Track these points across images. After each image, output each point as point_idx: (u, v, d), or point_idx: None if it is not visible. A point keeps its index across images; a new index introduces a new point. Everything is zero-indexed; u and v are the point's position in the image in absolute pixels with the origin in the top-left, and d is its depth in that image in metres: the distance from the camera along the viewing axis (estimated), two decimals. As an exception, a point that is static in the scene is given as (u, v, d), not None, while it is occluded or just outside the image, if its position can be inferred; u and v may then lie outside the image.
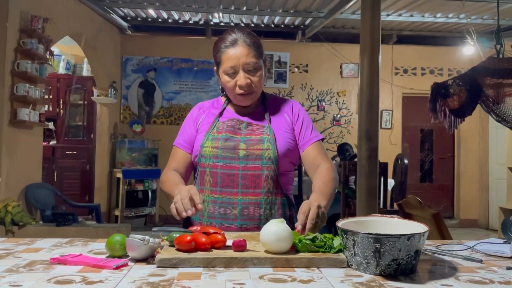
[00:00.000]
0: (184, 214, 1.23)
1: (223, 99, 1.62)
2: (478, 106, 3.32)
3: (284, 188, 1.50)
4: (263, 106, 1.57)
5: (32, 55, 3.86)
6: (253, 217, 1.43)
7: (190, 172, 1.59)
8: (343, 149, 5.30)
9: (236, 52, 1.44)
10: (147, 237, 1.08)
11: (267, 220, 1.41)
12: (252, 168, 1.44)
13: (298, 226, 1.21)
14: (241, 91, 1.47)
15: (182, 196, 1.25)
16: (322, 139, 1.57)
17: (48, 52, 4.10)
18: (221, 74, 1.49)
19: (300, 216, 1.23)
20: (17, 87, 3.70)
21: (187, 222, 1.55)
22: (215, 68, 1.54)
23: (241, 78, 1.44)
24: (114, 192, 6.22)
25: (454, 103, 3.28)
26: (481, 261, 1.16)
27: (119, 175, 5.94)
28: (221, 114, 1.56)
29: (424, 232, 1.03)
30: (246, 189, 1.43)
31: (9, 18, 3.64)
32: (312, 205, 1.25)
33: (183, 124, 1.62)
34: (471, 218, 6.90)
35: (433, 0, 5.05)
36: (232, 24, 6.48)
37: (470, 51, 5.86)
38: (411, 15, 5.81)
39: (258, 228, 1.37)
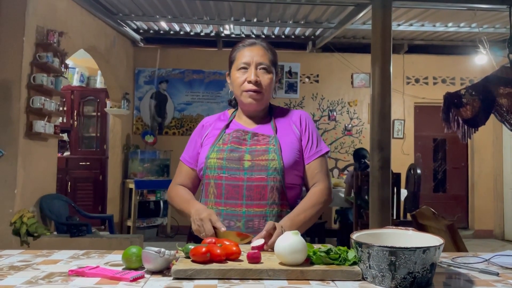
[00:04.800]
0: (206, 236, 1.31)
1: (229, 111, 1.63)
2: (492, 116, 3.30)
3: (291, 201, 1.48)
4: (270, 117, 1.56)
5: (47, 68, 3.93)
6: (258, 230, 1.37)
7: (197, 187, 1.60)
8: (359, 154, 5.19)
9: (252, 50, 1.49)
10: (162, 249, 1.09)
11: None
12: (257, 179, 1.42)
13: (268, 247, 1.25)
14: (249, 87, 1.47)
15: (202, 218, 1.33)
16: (327, 152, 1.55)
17: (63, 65, 4.18)
18: (233, 71, 1.51)
19: (263, 233, 1.28)
20: (33, 100, 3.77)
21: (192, 237, 1.53)
22: (227, 73, 1.56)
23: (252, 74, 1.47)
24: (126, 202, 6.26)
25: (467, 112, 3.26)
26: (497, 274, 1.15)
27: (132, 185, 5.99)
28: (227, 126, 1.56)
29: (440, 245, 1.02)
30: (251, 200, 1.41)
31: (25, 33, 3.73)
32: (278, 225, 1.32)
33: (190, 139, 1.64)
34: (486, 229, 6.79)
35: (444, 9, 5.03)
36: (243, 35, 6.54)
37: (483, 60, 5.83)
38: (422, 25, 5.80)
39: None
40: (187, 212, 1.46)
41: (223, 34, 6.57)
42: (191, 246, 1.15)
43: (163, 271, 1.10)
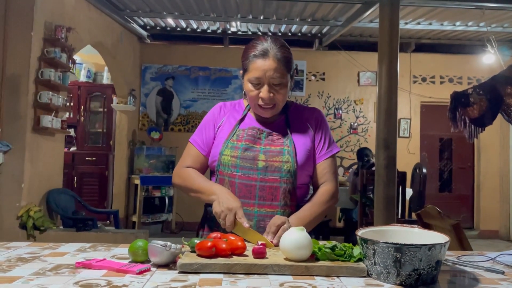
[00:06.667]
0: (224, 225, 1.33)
1: (245, 102, 1.60)
2: (499, 115, 3.28)
3: (299, 200, 1.49)
4: (285, 115, 1.54)
5: (55, 63, 3.96)
6: None
7: (204, 172, 1.56)
8: (362, 153, 5.25)
9: (264, 64, 1.40)
10: (169, 243, 1.10)
11: None
12: (271, 180, 1.42)
13: (275, 240, 1.28)
14: (263, 104, 1.44)
15: (230, 208, 1.33)
16: (337, 152, 1.56)
17: (70, 60, 4.20)
18: (246, 81, 1.46)
19: (273, 228, 1.31)
20: (40, 94, 3.80)
21: (207, 218, 1.54)
22: (241, 71, 1.51)
23: (265, 92, 1.42)
24: (131, 198, 6.29)
25: (474, 112, 3.24)
26: (503, 273, 1.14)
27: (137, 181, 6.01)
28: (242, 120, 1.53)
29: (445, 242, 1.02)
30: (264, 201, 1.42)
31: (34, 28, 3.75)
32: (285, 219, 1.34)
33: (203, 122, 1.58)
34: (492, 229, 6.76)
35: (452, 8, 5.00)
36: (250, 32, 6.53)
37: (490, 60, 5.79)
38: (430, 24, 5.77)
39: None
40: (208, 191, 1.43)
41: (229, 31, 6.57)
42: (196, 241, 1.16)
43: (169, 264, 1.11)
